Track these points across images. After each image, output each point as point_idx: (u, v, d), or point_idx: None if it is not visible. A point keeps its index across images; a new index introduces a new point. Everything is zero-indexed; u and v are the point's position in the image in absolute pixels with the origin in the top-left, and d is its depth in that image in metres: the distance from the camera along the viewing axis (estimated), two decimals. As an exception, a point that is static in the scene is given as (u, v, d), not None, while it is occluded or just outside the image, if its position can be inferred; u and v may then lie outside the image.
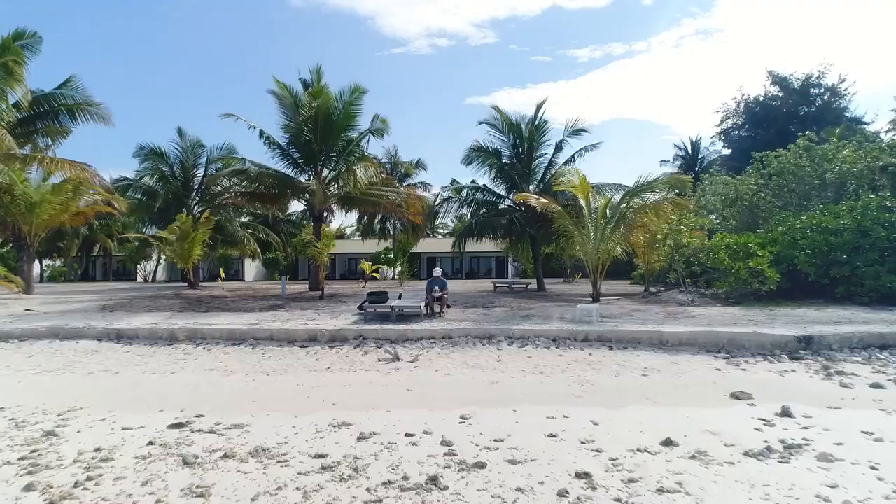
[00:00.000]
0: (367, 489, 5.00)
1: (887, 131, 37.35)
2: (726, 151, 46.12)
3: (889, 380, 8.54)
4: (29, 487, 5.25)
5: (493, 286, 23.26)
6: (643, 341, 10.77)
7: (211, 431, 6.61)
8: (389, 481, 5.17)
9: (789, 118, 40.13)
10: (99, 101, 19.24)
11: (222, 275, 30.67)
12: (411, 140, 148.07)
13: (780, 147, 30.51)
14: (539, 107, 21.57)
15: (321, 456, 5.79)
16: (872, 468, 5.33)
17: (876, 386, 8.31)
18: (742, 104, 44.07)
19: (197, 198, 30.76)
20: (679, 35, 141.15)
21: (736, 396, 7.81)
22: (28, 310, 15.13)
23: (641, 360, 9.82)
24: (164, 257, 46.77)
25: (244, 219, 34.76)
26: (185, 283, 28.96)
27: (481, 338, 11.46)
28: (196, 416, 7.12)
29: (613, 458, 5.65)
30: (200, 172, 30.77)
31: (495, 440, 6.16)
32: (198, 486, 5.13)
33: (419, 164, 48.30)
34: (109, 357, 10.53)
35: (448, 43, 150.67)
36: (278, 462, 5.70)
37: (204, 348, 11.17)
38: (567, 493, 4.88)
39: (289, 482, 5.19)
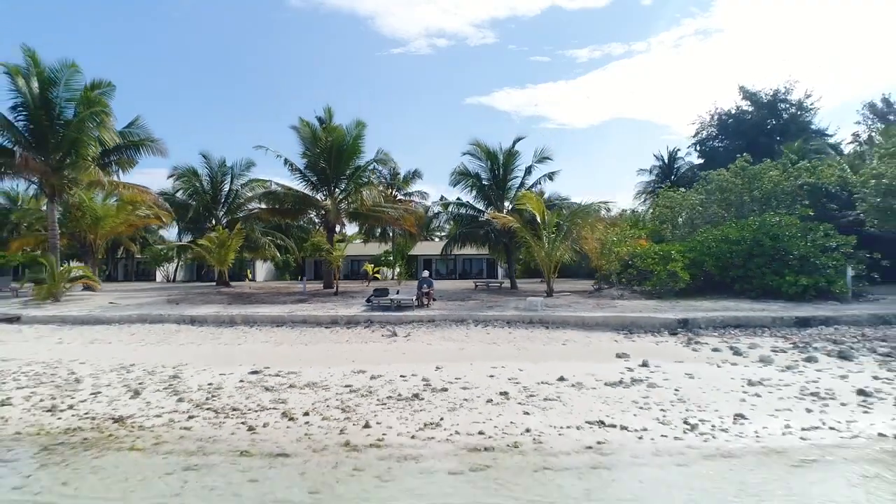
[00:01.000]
0: (377, 400, 8.20)
1: (849, 143, 39.29)
2: (700, 161, 46.07)
3: (726, 346, 11.72)
4: (179, 399, 8.45)
5: (475, 285, 26.41)
6: (570, 323, 13.94)
7: (277, 375, 9.75)
8: (389, 396, 8.37)
9: (758, 130, 40.62)
10: (158, 137, 22.34)
11: (249, 275, 33.58)
12: (411, 140, 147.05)
13: (749, 155, 33.25)
14: (515, 142, 24.90)
15: (348, 386, 8.95)
16: (675, 391, 8.54)
17: (715, 350, 11.51)
18: (716, 117, 44.62)
19: (224, 209, 33.69)
20: (678, 35, 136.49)
21: (618, 355, 11.00)
22: (112, 303, 18.09)
23: (565, 335, 13.01)
24: (182, 260, 49.22)
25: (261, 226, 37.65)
26: (213, 283, 31.84)
27: (455, 321, 14.61)
28: (264, 368, 10.25)
29: (525, 387, 8.83)
30: (227, 188, 33.74)
31: (455, 378, 9.33)
32: (278, 400, 8.30)
33: (416, 174, 50.74)
34: (190, 335, 13.64)
35: (447, 43, 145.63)
36: (322, 388, 8.85)
37: (257, 328, 14.29)
38: (491, 400, 8.13)
39: (331, 397, 8.37)
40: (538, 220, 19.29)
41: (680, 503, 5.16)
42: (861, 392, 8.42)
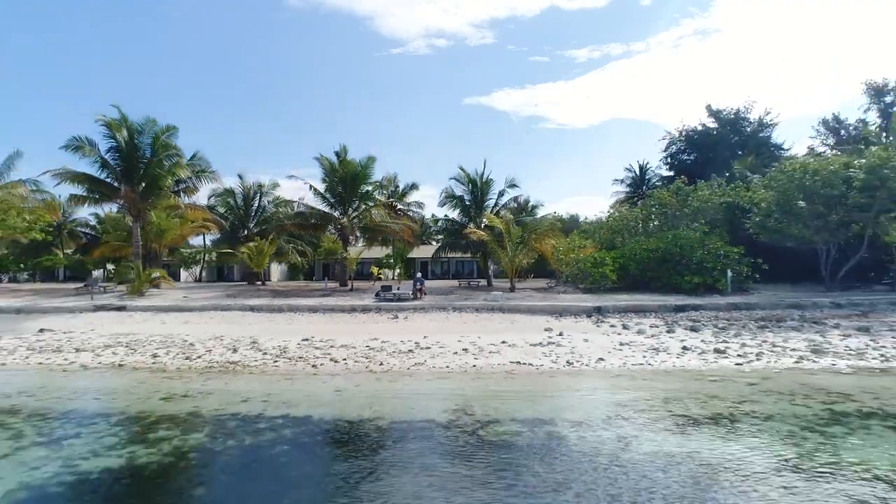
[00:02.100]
0: (386, 353, 12.39)
1: (804, 155, 38.38)
2: (669, 173, 45.90)
3: (620, 324, 15.90)
4: (263, 353, 12.61)
5: (458, 283, 30.59)
6: (520, 309, 18.15)
7: (321, 341, 13.90)
8: (394, 351, 12.56)
9: (722, 145, 40.83)
10: (214, 169, 26.42)
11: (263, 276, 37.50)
12: (411, 140, 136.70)
13: (712, 169, 35.84)
14: (485, 170, 29.27)
15: (367, 346, 13.13)
16: (572, 348, 12.76)
17: (611, 325, 15.74)
18: (683, 133, 44.65)
19: (254, 221, 37.73)
20: (677, 35, 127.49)
21: (546, 329, 15.18)
22: (185, 297, 22.12)
23: (515, 317, 17.22)
24: (206, 263, 52.48)
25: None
26: (240, 282, 35.71)
27: (439, 308, 18.78)
28: (311, 337, 14.39)
29: (480, 347, 13.00)
30: (256, 204, 37.81)
31: (436, 342, 13.50)
32: (325, 353, 12.48)
33: (413, 186, 54.50)
34: (252, 318, 17.77)
35: (447, 43, 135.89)
36: (352, 348, 13.03)
37: (299, 314, 18.41)
38: (456, 353, 12.34)
39: (358, 352, 12.55)
40: (504, 234, 23.47)
41: (543, 388, 9.39)
42: (684, 348, 12.69)
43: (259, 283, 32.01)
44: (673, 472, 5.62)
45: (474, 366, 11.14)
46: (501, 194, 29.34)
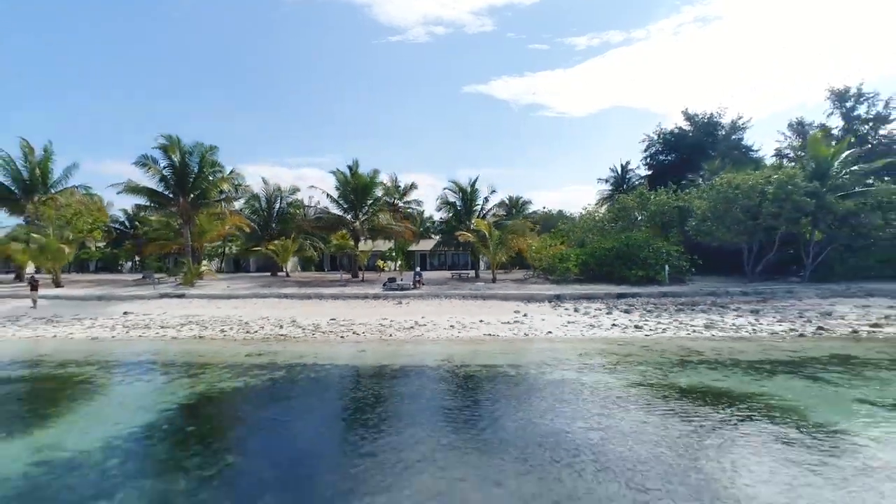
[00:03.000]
0: (393, 328, 15.87)
1: (773, 155, 40.33)
2: (648, 173, 46.60)
3: (572, 307, 19.34)
4: (301, 329, 16.05)
5: (451, 275, 34.00)
6: (497, 297, 21.58)
7: (344, 321, 17.32)
8: (399, 328, 16.04)
9: (696, 147, 41.23)
10: (248, 183, 29.84)
11: (299, 271, 40.91)
12: (410, 130, 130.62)
13: (687, 169, 37.57)
14: (474, 181, 32.64)
15: (380, 324, 16.57)
16: (530, 324, 16.22)
17: (565, 309, 19.18)
18: (661, 135, 44.86)
19: (276, 220, 40.99)
20: (678, 22, 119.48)
21: (515, 311, 18.61)
22: (228, 286, 25.44)
23: (492, 303, 20.65)
24: (225, 256, 55.27)
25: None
26: (261, 272, 38.98)
27: (434, 296, 22.21)
28: (336, 318, 17.80)
29: (463, 324, 16.44)
30: (277, 206, 41.06)
31: (430, 321, 16.95)
32: (348, 329, 15.94)
33: (412, 186, 57.39)
34: (287, 304, 21.15)
35: (445, 31, 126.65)
36: (367, 325, 16.47)
37: (324, 301, 21.80)
38: (446, 328, 15.79)
39: (372, 328, 16.01)
40: (486, 235, 26.88)
41: (503, 349, 12.84)
42: (613, 324, 16.14)
43: (281, 273, 35.40)
44: (575, 389, 9.09)
45: (458, 336, 14.61)
46: (486, 200, 32.75)
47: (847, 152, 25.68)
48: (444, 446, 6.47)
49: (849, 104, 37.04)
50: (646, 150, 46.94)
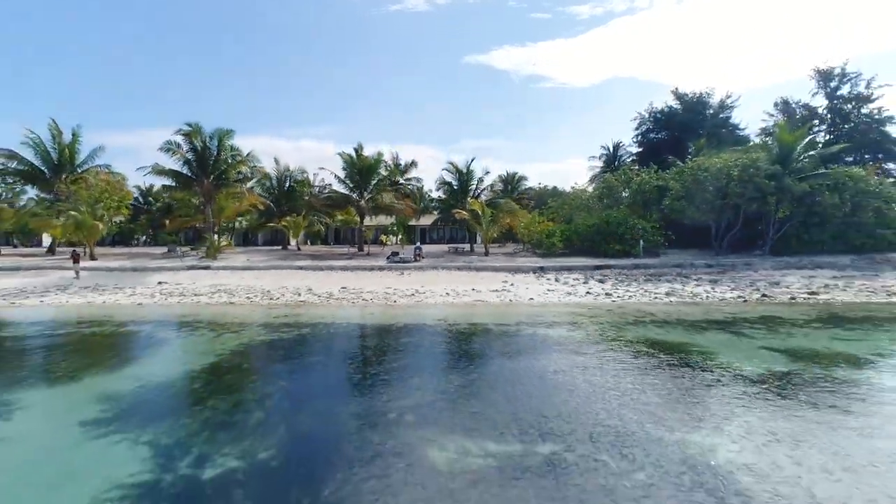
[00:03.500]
0: (397, 295, 17.71)
1: (757, 135, 40.69)
2: (639, 150, 46.46)
3: (553, 278, 21.16)
4: (317, 295, 17.91)
5: (448, 249, 35.77)
6: (488, 268, 23.37)
7: (354, 289, 19.14)
8: (401, 294, 17.88)
9: (685, 125, 41.56)
10: (262, 164, 31.41)
11: (308, 244, 42.61)
12: (410, 104, 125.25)
13: (677, 147, 37.93)
14: (470, 162, 34.06)
15: (385, 291, 18.41)
16: (516, 292, 18.06)
17: (548, 279, 20.99)
18: (652, 114, 44.80)
19: (286, 198, 42.45)
20: None
21: (503, 281, 20.44)
22: (247, 259, 27.18)
23: (484, 273, 22.45)
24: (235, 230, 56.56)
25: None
26: (268, 246, 40.70)
27: (432, 267, 24.00)
28: (346, 287, 19.61)
29: (457, 291, 18.28)
30: (287, 185, 42.43)
31: (429, 289, 18.78)
32: (357, 295, 17.78)
33: (412, 164, 58.49)
34: (302, 275, 22.90)
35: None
36: (374, 293, 18.30)
37: (334, 272, 23.59)
38: (441, 295, 17.65)
39: (378, 295, 17.86)
40: (479, 213, 28.53)
41: (490, 312, 14.68)
42: (587, 292, 17.98)
43: (292, 247, 37.12)
44: (543, 341, 10.95)
45: (452, 302, 16.45)
46: (481, 181, 34.28)
47: (808, 138, 27.09)
48: (439, 374, 8.32)
49: (833, 84, 37.61)
50: (637, 129, 46.81)
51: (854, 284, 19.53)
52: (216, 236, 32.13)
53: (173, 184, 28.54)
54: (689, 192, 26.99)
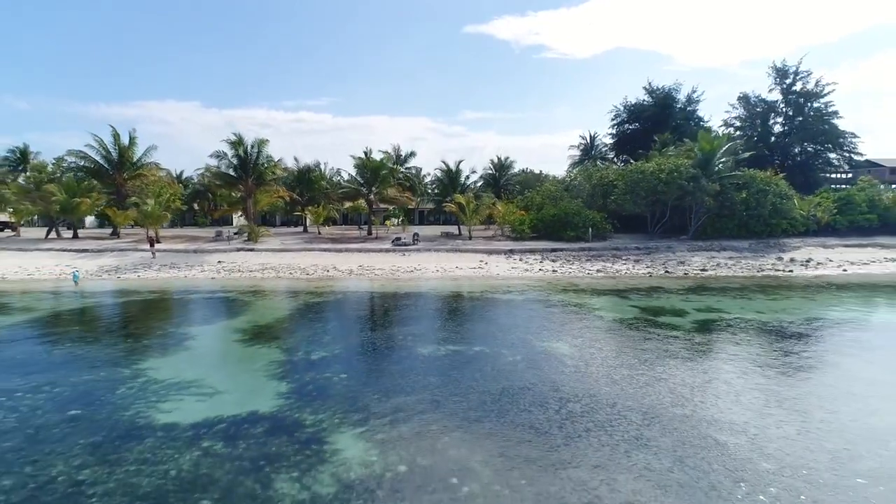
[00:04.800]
0: (400, 272, 21.99)
1: (720, 126, 43.05)
2: (613, 141, 47.33)
3: (519, 258, 25.37)
4: (340, 271, 22.15)
5: (440, 233, 39.87)
6: (470, 250, 27.54)
7: (367, 266, 23.35)
8: (403, 271, 22.16)
9: (655, 118, 42.28)
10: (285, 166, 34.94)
11: (326, 226, 46.67)
12: (409, 74, 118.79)
13: (647, 138, 39.78)
14: (458, 163, 37.88)
15: (391, 268, 22.65)
16: (487, 270, 22.35)
17: (516, 259, 25.21)
18: (626, 107, 45.50)
19: (304, 189, 46.12)
20: None
21: (480, 260, 24.65)
22: (282, 242, 31.17)
23: (467, 255, 26.63)
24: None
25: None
26: (298, 228, 44.85)
27: (427, 250, 28.13)
28: (362, 265, 23.80)
29: (445, 269, 22.55)
30: (306, 177, 46.08)
31: (424, 267, 23.03)
32: (370, 271, 22.02)
33: (411, 154, 60.56)
34: (327, 256, 26.97)
35: None
36: (382, 270, 22.54)
37: (350, 253, 27.67)
38: (433, 271, 21.94)
39: (385, 272, 22.14)
40: (464, 205, 32.57)
41: (469, 281, 18.98)
42: (540, 269, 22.24)
43: (313, 230, 41.23)
44: (499, 301, 15.23)
45: (441, 276, 20.69)
46: (467, 177, 38.20)
47: (726, 146, 31.08)
48: (431, 316, 12.58)
49: (788, 80, 40.41)
50: (613, 120, 46.86)
51: (741, 263, 23.95)
52: (256, 224, 36.02)
53: (221, 183, 32.45)
54: (630, 190, 31.05)
